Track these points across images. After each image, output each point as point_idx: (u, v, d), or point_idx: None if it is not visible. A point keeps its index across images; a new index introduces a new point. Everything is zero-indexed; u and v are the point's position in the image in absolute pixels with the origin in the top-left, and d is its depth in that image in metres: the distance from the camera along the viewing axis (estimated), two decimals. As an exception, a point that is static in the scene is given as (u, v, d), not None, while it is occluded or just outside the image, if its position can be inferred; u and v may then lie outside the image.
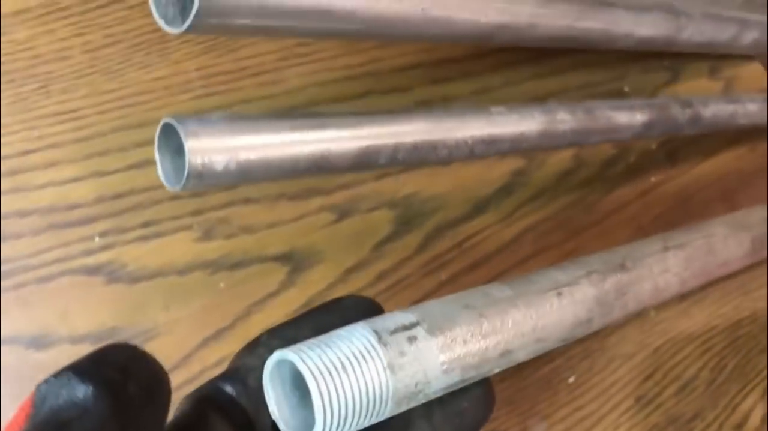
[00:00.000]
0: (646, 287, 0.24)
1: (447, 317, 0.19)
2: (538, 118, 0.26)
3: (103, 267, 0.31)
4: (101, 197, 0.32)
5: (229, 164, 0.19)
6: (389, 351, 0.17)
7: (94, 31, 0.35)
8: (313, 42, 0.38)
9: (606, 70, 0.44)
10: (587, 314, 0.22)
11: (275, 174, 0.20)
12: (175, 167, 0.20)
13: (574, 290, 0.22)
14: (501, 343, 0.20)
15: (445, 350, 0.18)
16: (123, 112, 0.34)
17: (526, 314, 0.20)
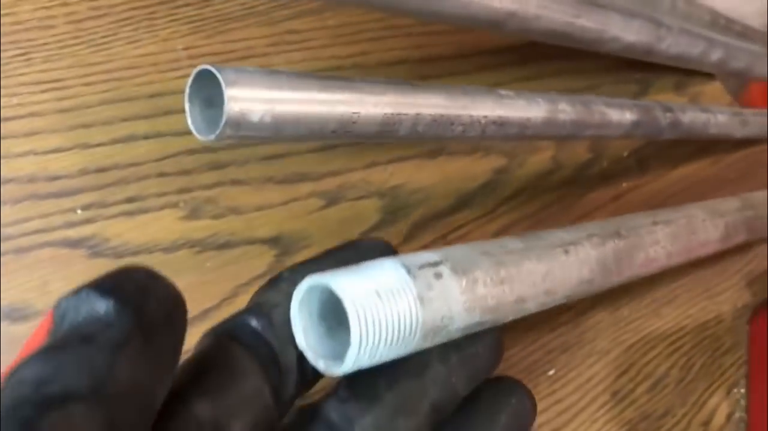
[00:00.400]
0: (639, 255, 0.27)
1: (468, 260, 0.21)
2: (543, 105, 0.29)
3: (85, 241, 0.31)
4: (84, 170, 0.32)
5: (264, 115, 0.20)
6: (418, 284, 0.19)
7: (78, 2, 0.35)
8: (304, 30, 0.40)
9: (583, 78, 0.47)
10: (589, 275, 0.24)
11: (304, 132, 0.22)
12: (204, 117, 0.21)
13: (578, 249, 0.24)
14: (515, 290, 0.22)
15: (467, 290, 0.20)
16: (109, 85, 0.34)
17: (538, 266, 0.22)
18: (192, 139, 0.34)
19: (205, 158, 0.35)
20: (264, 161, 0.36)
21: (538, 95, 0.29)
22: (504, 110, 0.27)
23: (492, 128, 0.26)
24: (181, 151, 0.34)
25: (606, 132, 0.33)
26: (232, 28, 0.38)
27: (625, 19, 0.33)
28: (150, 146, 0.34)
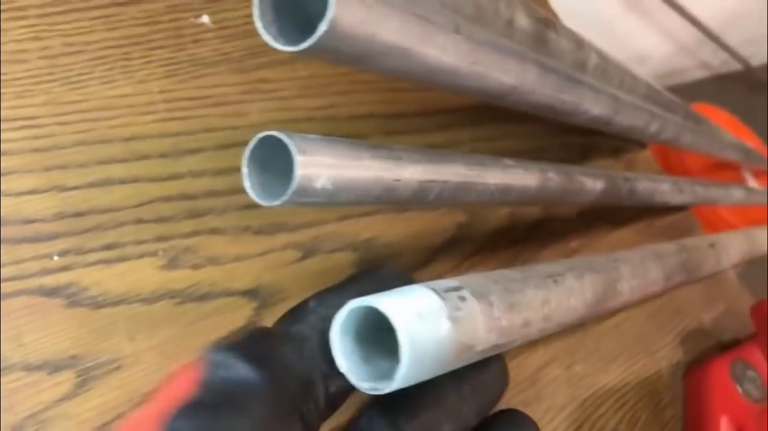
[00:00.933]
0: (610, 289, 0.31)
1: (482, 286, 0.24)
2: (536, 174, 0.33)
3: (63, 289, 0.31)
4: (61, 214, 0.33)
5: (326, 182, 0.22)
6: (448, 306, 0.21)
7: (53, 38, 0.36)
8: (276, 79, 0.42)
9: (532, 141, 0.53)
10: (574, 303, 0.28)
11: (353, 197, 0.24)
12: (259, 181, 0.23)
13: (564, 279, 0.28)
14: (523, 314, 0.25)
15: (486, 313, 0.23)
16: (84, 125, 0.35)
17: (537, 293, 0.26)
18: (169, 185, 0.36)
19: (182, 205, 0.36)
20: (241, 211, 0.38)
21: (532, 164, 0.33)
22: (508, 179, 0.30)
23: (498, 195, 0.30)
24: (158, 197, 0.35)
25: (581, 199, 0.37)
26: (206, 74, 0.40)
27: (594, 94, 0.38)
28: (127, 191, 0.35)
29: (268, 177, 0.23)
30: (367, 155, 0.24)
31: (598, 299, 0.30)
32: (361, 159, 0.24)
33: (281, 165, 0.23)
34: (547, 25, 0.36)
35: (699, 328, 0.53)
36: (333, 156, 0.23)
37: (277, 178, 0.23)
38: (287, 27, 0.21)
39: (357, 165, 0.23)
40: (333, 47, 0.20)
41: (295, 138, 0.22)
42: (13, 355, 0.29)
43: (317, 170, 0.22)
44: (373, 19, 0.21)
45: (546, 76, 0.32)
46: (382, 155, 0.24)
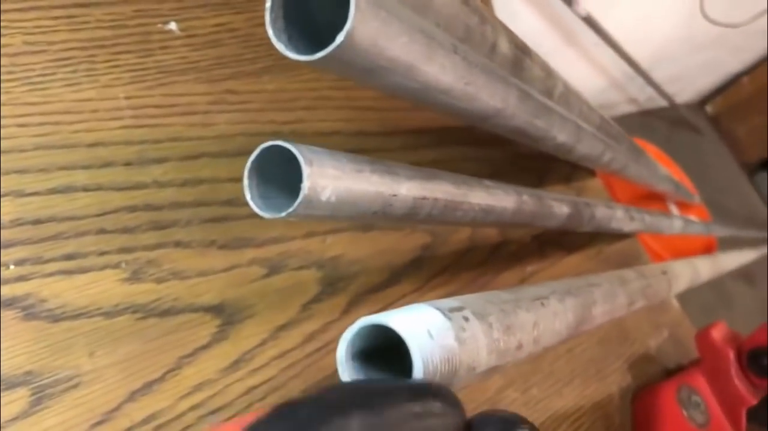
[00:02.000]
0: (587, 311, 0.32)
1: (481, 307, 0.24)
2: (513, 196, 0.33)
3: (19, 301, 0.30)
4: (19, 220, 0.31)
5: (331, 194, 0.22)
6: (454, 325, 0.21)
7: (13, 35, 0.34)
8: (243, 91, 0.42)
9: (492, 166, 0.54)
10: (559, 326, 0.29)
11: (353, 212, 0.23)
12: (260, 193, 0.23)
13: (550, 302, 0.28)
14: (517, 336, 0.25)
15: (487, 334, 0.23)
16: (46, 129, 0.33)
17: (528, 316, 0.26)
18: (133, 194, 0.35)
19: (146, 216, 0.35)
20: (207, 224, 0.36)
21: (509, 187, 0.34)
22: (490, 199, 0.31)
23: (480, 214, 0.30)
24: (121, 207, 0.34)
25: (550, 223, 0.38)
26: (174, 82, 0.39)
27: (562, 121, 0.39)
28: (89, 199, 0.33)
29: (267, 189, 0.23)
30: (368, 168, 0.24)
31: (578, 322, 0.30)
32: (363, 172, 0.23)
33: (280, 177, 0.23)
34: (524, 51, 0.36)
35: (646, 354, 0.54)
36: (337, 168, 0.22)
37: (276, 190, 0.23)
38: (296, 36, 0.21)
39: (359, 178, 0.23)
40: (346, 59, 0.20)
41: (303, 149, 0.22)
42: (-35, 370, 0.28)
43: (323, 182, 0.21)
44: (386, 33, 0.21)
45: (525, 100, 0.33)
46: (380, 170, 0.24)
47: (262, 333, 0.36)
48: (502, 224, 0.35)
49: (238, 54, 0.42)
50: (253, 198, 0.22)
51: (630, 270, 0.42)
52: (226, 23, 0.43)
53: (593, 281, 0.34)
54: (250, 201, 0.22)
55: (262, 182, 0.23)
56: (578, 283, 0.32)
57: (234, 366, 0.34)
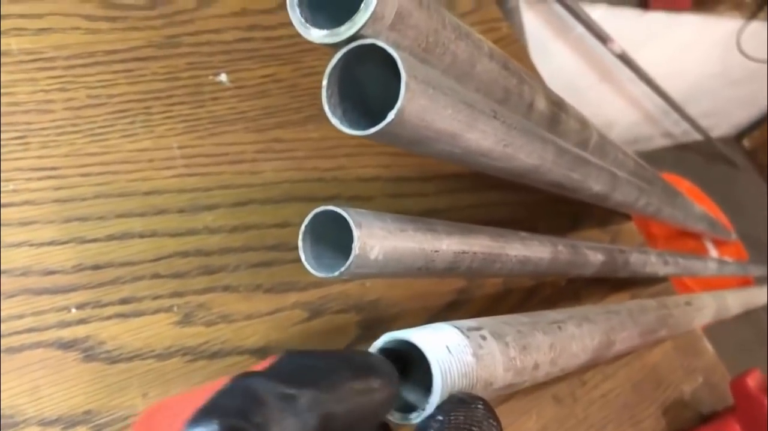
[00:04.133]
0: (606, 338, 0.33)
1: (498, 327, 0.25)
2: (548, 247, 0.34)
3: (79, 343, 0.31)
4: (79, 266, 0.33)
5: (378, 253, 0.23)
6: (472, 343, 0.23)
7: (78, 89, 0.37)
8: (289, 139, 0.44)
9: (526, 210, 0.55)
10: (576, 349, 0.30)
11: (400, 269, 0.25)
12: (314, 253, 0.24)
13: (567, 326, 0.29)
14: (533, 356, 0.26)
15: (504, 352, 0.24)
16: (105, 178, 0.36)
17: (545, 338, 0.27)
18: (185, 240, 0.36)
19: (197, 261, 0.36)
20: (253, 268, 0.38)
21: (543, 237, 0.35)
22: (526, 251, 0.32)
23: (517, 266, 0.31)
24: (174, 252, 0.36)
25: (585, 271, 0.39)
26: (224, 131, 0.41)
27: (598, 171, 0.40)
28: (144, 245, 0.35)
29: (320, 248, 0.24)
30: (410, 227, 0.25)
31: (596, 348, 0.31)
32: (406, 231, 0.25)
33: (330, 236, 0.24)
34: (560, 107, 0.38)
35: (680, 399, 0.55)
36: (383, 228, 0.24)
37: (328, 248, 0.24)
38: (350, 108, 0.23)
39: (403, 236, 0.24)
40: (395, 134, 0.22)
41: (351, 212, 0.23)
42: (29, 409, 0.29)
43: (372, 242, 0.23)
44: (433, 107, 0.22)
45: (561, 155, 0.34)
46: (422, 228, 0.26)
47: (304, 376, 0.37)
48: (539, 274, 0.36)
49: (284, 104, 0.44)
50: (307, 259, 0.24)
51: (651, 300, 0.43)
52: (272, 74, 0.45)
53: (612, 308, 0.35)
54: (305, 262, 0.24)
55: (315, 242, 0.24)
56: (596, 310, 0.33)
57: (277, 407, 0.36)
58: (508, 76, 0.31)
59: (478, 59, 0.28)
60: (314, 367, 0.20)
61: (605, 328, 0.33)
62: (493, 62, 0.29)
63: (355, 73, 0.23)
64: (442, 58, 0.25)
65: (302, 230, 0.24)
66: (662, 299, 0.48)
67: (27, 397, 0.29)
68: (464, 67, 0.27)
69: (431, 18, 0.23)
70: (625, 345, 0.36)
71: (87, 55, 0.38)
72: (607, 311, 0.37)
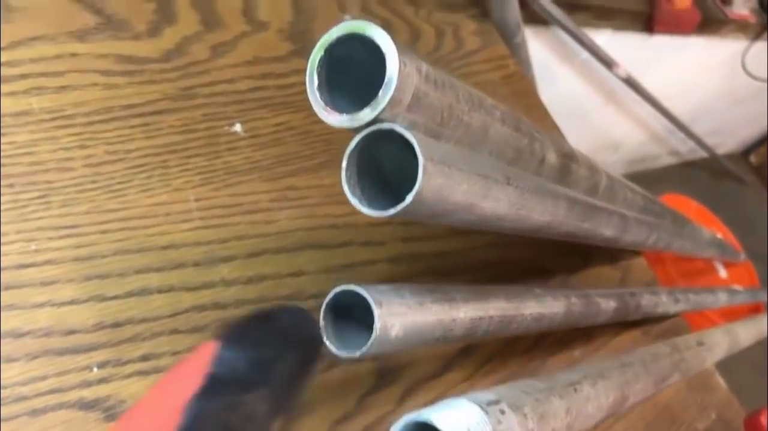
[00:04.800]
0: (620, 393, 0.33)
1: (516, 397, 0.25)
2: (562, 301, 0.35)
3: (101, 402, 0.32)
4: (100, 324, 0.33)
5: (399, 330, 0.24)
6: (491, 419, 0.23)
7: (97, 146, 0.37)
8: (302, 187, 0.44)
9: (539, 249, 0.55)
10: (591, 410, 0.30)
11: (418, 341, 0.25)
12: (336, 331, 0.25)
13: (583, 387, 0.30)
14: (551, 424, 0.26)
15: (522, 425, 0.25)
16: (124, 234, 0.36)
17: (561, 403, 0.27)
18: (202, 294, 0.37)
19: (213, 314, 0.37)
20: (269, 320, 0.39)
21: (557, 291, 0.35)
22: (541, 308, 0.32)
23: (533, 324, 0.32)
24: (192, 307, 0.36)
25: (598, 319, 0.39)
26: (239, 182, 0.41)
27: (608, 217, 0.40)
28: (162, 300, 0.36)
29: (341, 324, 0.25)
30: (429, 299, 0.26)
31: (611, 405, 0.31)
32: (424, 304, 0.25)
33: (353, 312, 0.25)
34: (570, 158, 0.38)
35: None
36: (402, 305, 0.24)
37: (350, 323, 0.25)
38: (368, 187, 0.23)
39: (422, 310, 0.25)
40: (414, 212, 0.22)
41: (371, 290, 0.24)
42: (52, 472, 0.30)
43: (392, 320, 0.23)
44: (449, 185, 0.23)
45: (572, 208, 0.35)
46: (440, 298, 0.26)
47: (320, 429, 0.37)
48: (553, 328, 0.36)
49: (297, 151, 0.45)
50: (329, 338, 0.24)
51: (664, 344, 0.43)
52: (285, 122, 0.46)
53: (625, 360, 0.35)
54: (327, 342, 0.24)
55: (337, 319, 0.25)
56: (610, 364, 0.34)
57: (294, 462, 0.36)
58: (520, 137, 0.32)
59: (491, 125, 0.28)
60: None
61: (620, 383, 0.33)
62: (506, 126, 0.30)
63: (373, 152, 0.24)
64: (456, 129, 0.26)
65: (323, 309, 0.24)
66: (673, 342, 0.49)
67: (50, 459, 0.30)
68: (478, 134, 0.28)
69: (445, 95, 0.24)
70: (640, 397, 0.36)
71: (105, 110, 0.39)
72: (621, 365, 0.37)
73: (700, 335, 0.54)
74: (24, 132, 0.35)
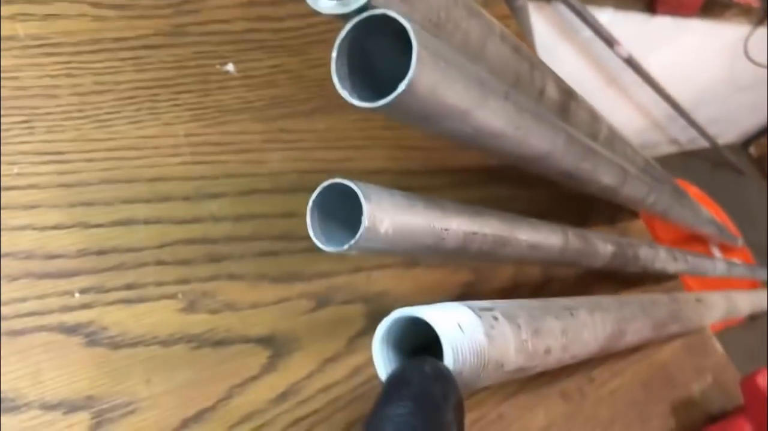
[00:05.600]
0: (617, 328, 0.32)
1: (511, 310, 0.25)
2: (559, 234, 0.34)
3: (82, 328, 0.31)
4: (84, 251, 0.32)
5: (389, 227, 0.23)
6: (484, 323, 0.22)
7: (84, 75, 0.36)
8: (296, 130, 0.43)
9: (535, 206, 0.54)
10: (587, 337, 0.29)
11: (410, 245, 0.24)
12: (323, 229, 0.24)
13: (579, 313, 0.29)
14: (545, 340, 0.25)
15: (515, 334, 0.24)
16: (110, 164, 0.35)
17: (557, 323, 0.27)
18: (191, 228, 0.36)
19: (202, 249, 0.36)
20: (259, 258, 0.38)
21: (555, 225, 0.34)
22: (537, 236, 0.31)
23: (527, 251, 0.31)
24: (179, 240, 0.35)
25: (595, 262, 0.38)
26: (230, 121, 0.40)
27: (607, 164, 0.39)
28: (149, 231, 0.35)
29: (327, 225, 0.24)
30: (420, 203, 0.25)
31: (607, 337, 0.31)
32: (416, 207, 0.24)
33: (338, 214, 0.24)
34: (571, 96, 0.37)
35: (689, 398, 0.54)
36: (393, 203, 0.23)
37: (336, 226, 0.24)
38: (359, 83, 0.22)
39: (413, 212, 0.24)
40: (406, 106, 0.21)
41: (362, 186, 0.23)
42: (30, 393, 0.29)
43: (381, 215, 0.23)
44: (444, 81, 0.22)
45: (572, 144, 0.34)
46: (431, 206, 0.25)
47: (309, 365, 0.37)
48: (549, 263, 0.35)
49: (291, 94, 0.44)
50: (315, 234, 0.23)
51: (663, 295, 0.42)
52: (280, 65, 0.45)
53: (625, 300, 0.35)
54: (313, 237, 0.23)
55: (323, 218, 0.24)
56: (609, 300, 0.33)
57: (282, 397, 0.35)
58: (520, 61, 0.31)
59: (489, 39, 0.27)
60: None
61: (617, 317, 0.32)
62: (505, 45, 0.29)
63: (366, 48, 0.23)
64: (454, 35, 0.25)
65: (310, 204, 0.23)
66: (674, 295, 0.48)
67: (28, 380, 0.29)
68: (475, 46, 0.27)
69: (443, -8, 0.23)
70: (637, 336, 0.35)
71: (94, 41, 0.38)
72: (620, 302, 0.36)
73: (699, 294, 0.53)
74: (8, 57, 0.34)
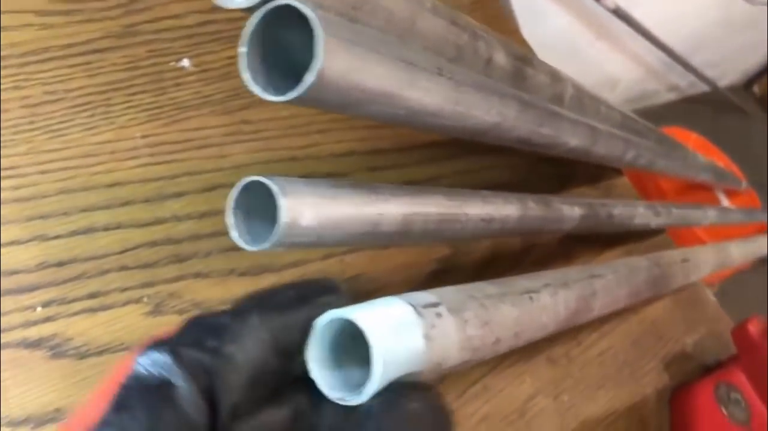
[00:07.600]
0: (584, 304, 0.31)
1: (459, 302, 0.23)
2: (515, 204, 0.33)
3: (46, 341, 0.31)
4: (43, 264, 0.32)
5: (311, 221, 0.22)
6: (424, 323, 0.21)
7: (33, 86, 0.36)
8: (257, 120, 0.42)
9: (512, 173, 0.53)
10: (546, 320, 0.28)
11: (340, 236, 0.24)
12: (247, 228, 0.23)
13: (540, 296, 0.28)
14: (494, 332, 0.24)
15: (460, 330, 0.22)
16: (67, 173, 0.34)
17: (511, 311, 0.26)
18: (153, 230, 0.35)
19: (166, 250, 0.35)
20: (226, 253, 0.37)
21: (511, 195, 0.33)
22: (489, 209, 0.30)
23: (481, 224, 0.30)
24: (142, 243, 0.35)
25: (562, 226, 0.37)
26: (189, 117, 0.40)
27: (572, 125, 0.38)
28: (110, 238, 0.34)
29: (255, 223, 0.23)
30: (348, 192, 0.24)
31: (569, 316, 0.30)
32: (342, 196, 0.23)
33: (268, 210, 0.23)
34: (525, 61, 0.36)
35: (682, 352, 0.53)
36: (315, 195, 0.22)
37: (266, 223, 0.23)
38: (276, 76, 0.21)
39: (339, 202, 0.23)
40: (320, 97, 0.20)
41: (277, 180, 0.22)
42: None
43: (301, 209, 0.22)
44: (361, 67, 0.21)
45: (526, 111, 0.33)
46: (362, 191, 0.24)
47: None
48: (510, 233, 0.34)
49: (250, 84, 0.43)
50: (241, 235, 0.23)
51: (643, 258, 0.41)
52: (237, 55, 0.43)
53: (596, 272, 0.34)
54: (236, 238, 0.23)
55: (249, 217, 0.23)
56: (578, 275, 0.32)
57: (257, 390, 0.35)
58: (459, 32, 0.29)
59: (418, 15, 0.26)
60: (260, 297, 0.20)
61: (584, 294, 0.31)
62: (438, 18, 0.28)
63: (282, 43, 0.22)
64: (375, 15, 0.24)
65: (230, 205, 0.23)
66: (657, 257, 0.47)
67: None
68: (403, 25, 0.26)
69: (353, -26, 0.22)
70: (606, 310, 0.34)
71: (42, 50, 0.37)
72: (591, 276, 0.35)
73: (686, 251, 0.52)
74: (-47, 75, 0.34)
